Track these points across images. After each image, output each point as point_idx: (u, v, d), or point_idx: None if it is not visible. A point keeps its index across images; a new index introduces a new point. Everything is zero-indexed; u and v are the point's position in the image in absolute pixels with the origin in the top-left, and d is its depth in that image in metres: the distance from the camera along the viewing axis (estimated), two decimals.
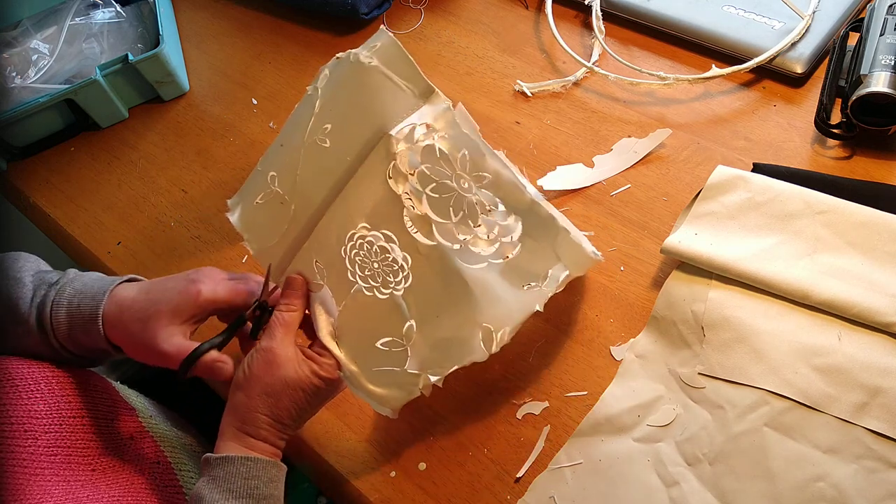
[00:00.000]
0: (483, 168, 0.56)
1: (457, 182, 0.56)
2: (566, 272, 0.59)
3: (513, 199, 0.57)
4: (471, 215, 0.56)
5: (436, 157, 0.56)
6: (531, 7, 0.99)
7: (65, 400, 0.61)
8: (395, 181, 0.56)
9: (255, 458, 0.57)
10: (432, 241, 0.56)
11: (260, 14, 1.09)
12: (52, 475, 0.57)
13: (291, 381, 0.58)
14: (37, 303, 0.61)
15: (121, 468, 0.63)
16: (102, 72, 0.94)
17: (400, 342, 0.58)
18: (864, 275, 0.63)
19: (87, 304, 0.61)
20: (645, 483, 0.60)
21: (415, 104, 0.59)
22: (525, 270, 0.58)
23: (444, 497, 0.63)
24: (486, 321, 0.57)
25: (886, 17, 0.74)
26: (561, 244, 0.59)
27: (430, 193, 0.56)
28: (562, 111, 0.86)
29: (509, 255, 0.57)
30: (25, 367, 0.60)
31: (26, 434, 0.57)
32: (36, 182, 0.96)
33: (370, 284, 0.58)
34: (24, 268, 0.63)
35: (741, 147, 0.78)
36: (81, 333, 0.61)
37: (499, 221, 0.56)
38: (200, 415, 0.77)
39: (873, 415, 0.57)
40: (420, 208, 0.56)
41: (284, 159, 0.64)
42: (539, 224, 0.58)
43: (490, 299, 0.57)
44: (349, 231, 0.58)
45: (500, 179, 0.57)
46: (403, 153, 0.56)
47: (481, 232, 0.56)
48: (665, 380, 0.64)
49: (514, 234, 0.57)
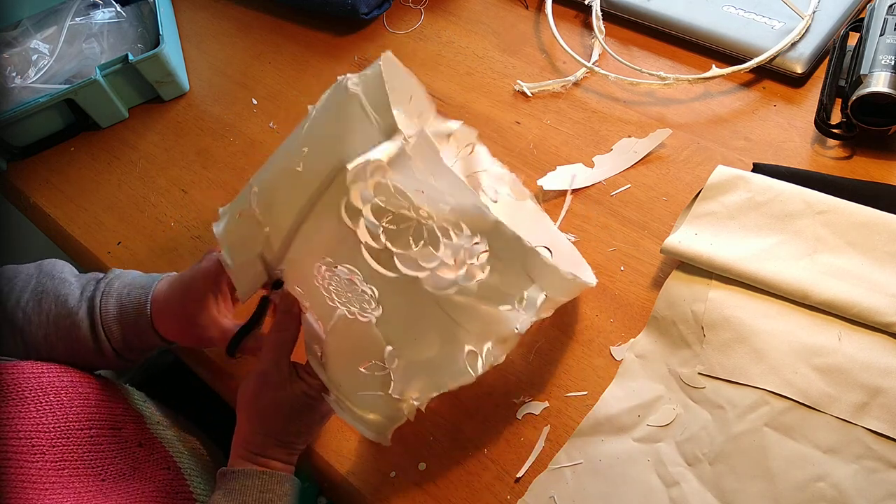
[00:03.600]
0: (442, 200, 0.54)
1: (415, 212, 0.54)
2: (543, 294, 0.58)
3: (477, 222, 0.55)
4: (432, 241, 0.54)
5: (389, 191, 0.54)
6: (531, 7, 0.99)
7: (73, 411, 0.61)
8: (349, 216, 0.54)
9: (269, 472, 0.58)
10: (395, 273, 0.54)
11: (260, 14, 1.09)
12: (62, 488, 0.57)
13: (283, 402, 0.59)
14: (87, 296, 0.64)
15: (131, 476, 0.63)
16: (102, 72, 0.94)
17: (381, 366, 0.57)
18: (864, 275, 0.63)
19: (136, 294, 0.65)
20: (645, 483, 0.60)
21: (376, 139, 0.56)
22: (500, 292, 0.57)
23: (444, 497, 0.63)
24: (467, 342, 0.56)
25: (886, 17, 0.74)
26: (532, 265, 0.57)
27: (387, 226, 0.54)
28: (562, 111, 0.86)
29: (479, 277, 0.55)
30: (35, 378, 0.60)
31: (34, 449, 0.57)
32: (36, 182, 0.96)
33: (351, 308, 0.56)
34: (65, 269, 0.68)
35: (741, 147, 0.78)
36: (131, 326, 0.64)
37: (463, 245, 0.54)
38: (205, 415, 0.77)
39: (873, 415, 0.57)
40: (379, 242, 0.54)
41: (268, 177, 0.63)
42: (506, 245, 0.56)
43: (466, 320, 0.56)
44: (316, 263, 0.57)
45: (462, 204, 0.54)
46: (356, 187, 0.54)
47: (446, 256, 0.54)
48: (665, 380, 0.64)
49: (480, 255, 0.55)
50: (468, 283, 0.55)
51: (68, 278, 0.66)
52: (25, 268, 0.67)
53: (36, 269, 0.67)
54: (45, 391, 0.60)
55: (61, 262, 0.68)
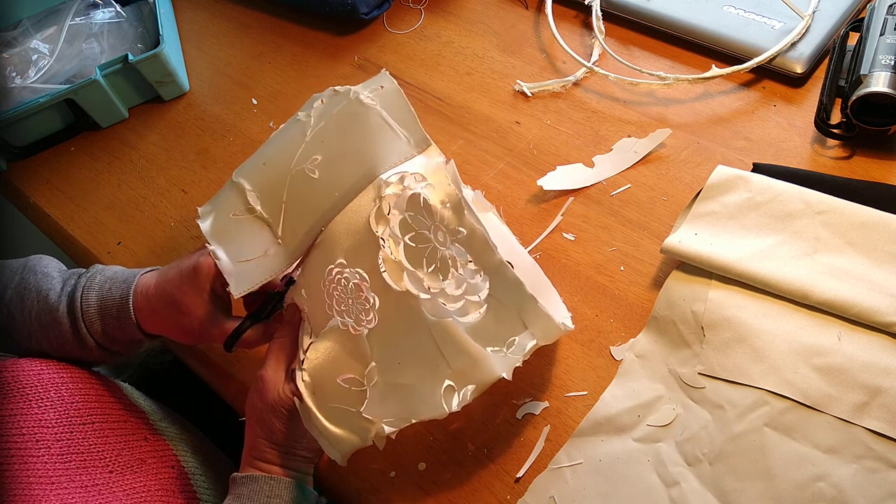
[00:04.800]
0: (460, 223, 0.56)
1: (434, 234, 0.56)
2: (533, 341, 0.59)
3: (483, 259, 0.56)
4: (442, 269, 0.56)
5: (419, 206, 0.56)
6: (531, 7, 0.99)
7: (74, 407, 0.61)
8: (377, 223, 0.57)
9: (278, 478, 0.58)
10: (401, 288, 0.55)
11: (260, 14, 1.09)
12: (69, 482, 0.57)
13: (275, 404, 0.59)
14: (67, 291, 0.63)
15: (139, 469, 0.63)
16: (102, 72, 0.94)
17: (360, 381, 0.57)
18: (864, 275, 0.63)
19: (117, 289, 0.63)
20: (645, 483, 0.60)
21: (409, 153, 0.60)
22: (490, 332, 0.57)
23: (443, 497, 0.63)
24: (448, 377, 0.57)
25: (886, 17, 0.74)
26: (528, 311, 0.58)
27: (408, 242, 0.56)
28: (562, 111, 0.86)
29: (473, 314, 0.57)
30: (35, 374, 0.60)
31: (38, 444, 0.57)
32: (36, 182, 0.96)
33: (345, 320, 0.57)
34: (51, 265, 0.66)
35: (741, 147, 0.78)
36: (112, 320, 0.63)
37: (468, 279, 0.56)
38: (205, 415, 0.77)
39: (873, 415, 0.57)
40: (396, 253, 0.56)
41: (266, 180, 0.63)
42: (506, 287, 0.57)
43: (453, 355, 0.56)
44: (328, 265, 0.58)
45: (474, 237, 0.56)
46: (390, 197, 0.57)
47: (450, 287, 0.56)
48: (665, 380, 0.64)
49: (482, 292, 0.56)
50: (463, 317, 0.56)
51: (51, 273, 0.65)
52: (12, 263, 0.67)
53: (22, 265, 0.66)
54: (45, 388, 0.60)
55: (48, 258, 0.67)
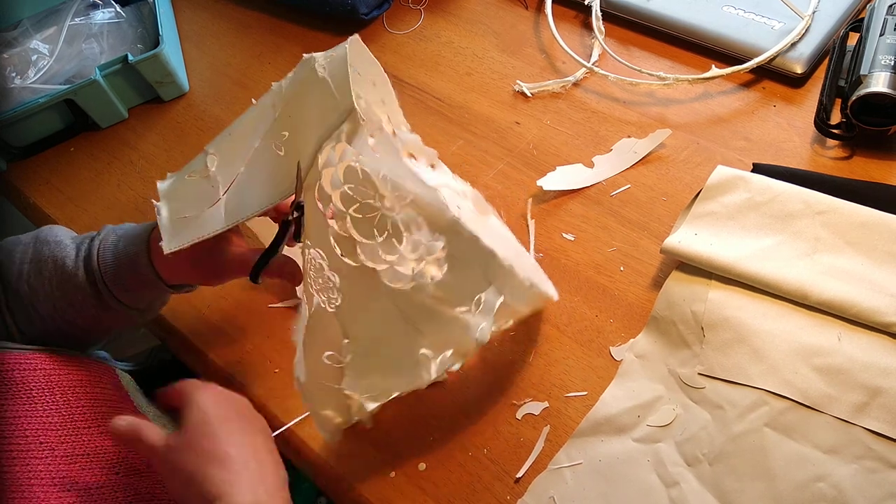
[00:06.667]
0: (403, 189, 0.54)
1: (380, 201, 0.54)
2: (500, 298, 0.57)
3: (435, 219, 0.55)
4: (395, 234, 0.54)
5: (358, 177, 0.54)
6: (531, 7, 0.99)
7: (79, 410, 0.61)
8: (321, 201, 0.55)
9: None
10: (356, 263, 0.54)
11: (260, 14, 1.09)
12: (72, 484, 0.57)
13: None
14: (82, 255, 0.64)
15: (146, 472, 0.62)
16: (102, 72, 0.93)
17: (339, 358, 0.57)
18: (864, 275, 0.63)
19: (133, 244, 0.64)
20: (645, 483, 0.60)
21: (339, 121, 0.56)
22: (455, 293, 0.56)
23: (444, 497, 0.63)
24: (423, 346, 0.56)
25: (886, 17, 0.74)
26: (491, 268, 0.56)
27: (354, 213, 0.54)
28: (561, 111, 0.86)
29: (435, 276, 0.55)
30: (43, 376, 0.60)
31: (42, 447, 0.57)
32: (36, 182, 0.96)
33: (320, 297, 0.56)
34: (61, 233, 0.66)
35: (741, 147, 0.78)
36: (132, 276, 0.63)
37: (423, 241, 0.54)
38: None
39: (873, 415, 0.57)
40: (344, 228, 0.54)
41: (229, 146, 0.62)
42: (463, 245, 0.55)
43: (421, 321, 0.55)
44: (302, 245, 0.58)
45: (421, 199, 0.54)
46: (328, 172, 0.55)
47: (407, 251, 0.54)
48: (665, 380, 0.64)
49: (439, 253, 0.55)
50: (424, 280, 0.55)
51: (64, 241, 0.65)
52: (22, 238, 0.67)
53: (33, 237, 0.66)
54: (52, 391, 0.60)
55: (57, 227, 0.67)
